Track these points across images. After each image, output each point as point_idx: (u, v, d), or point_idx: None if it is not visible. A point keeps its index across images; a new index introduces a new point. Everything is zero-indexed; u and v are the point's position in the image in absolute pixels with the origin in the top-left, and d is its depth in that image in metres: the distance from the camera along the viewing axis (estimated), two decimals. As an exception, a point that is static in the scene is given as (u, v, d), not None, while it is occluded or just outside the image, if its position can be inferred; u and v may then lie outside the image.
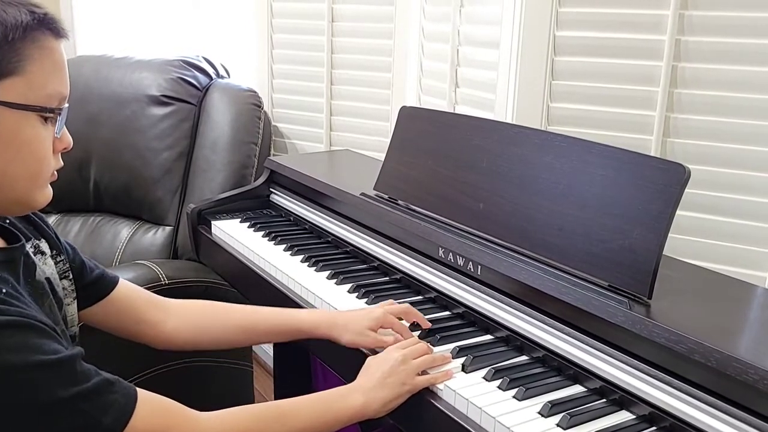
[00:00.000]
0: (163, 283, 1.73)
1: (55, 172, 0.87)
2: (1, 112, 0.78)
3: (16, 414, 0.72)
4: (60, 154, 0.88)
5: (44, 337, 0.75)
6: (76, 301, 1.02)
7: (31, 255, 0.93)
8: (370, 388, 0.97)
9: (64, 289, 0.99)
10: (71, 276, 1.02)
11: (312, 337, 1.12)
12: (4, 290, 0.77)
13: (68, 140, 0.88)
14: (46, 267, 0.96)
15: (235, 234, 1.56)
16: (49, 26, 0.81)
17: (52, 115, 0.82)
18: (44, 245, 0.98)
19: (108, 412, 0.77)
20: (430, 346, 1.05)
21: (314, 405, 0.95)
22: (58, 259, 1.00)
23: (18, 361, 0.72)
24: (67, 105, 0.86)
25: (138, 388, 0.82)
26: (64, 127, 0.87)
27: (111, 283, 1.10)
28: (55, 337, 0.77)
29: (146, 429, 0.80)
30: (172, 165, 2.01)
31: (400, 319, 1.12)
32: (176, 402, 0.85)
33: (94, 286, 1.07)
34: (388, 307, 1.13)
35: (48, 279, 0.95)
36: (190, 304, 1.17)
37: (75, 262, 1.04)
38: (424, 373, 1.00)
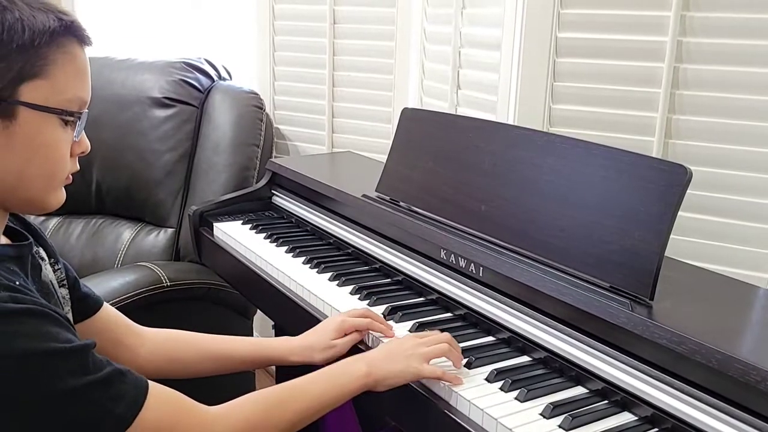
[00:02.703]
0: (165, 285, 1.73)
1: (70, 176, 0.89)
2: (23, 113, 0.80)
3: (28, 401, 0.73)
4: (77, 158, 0.89)
5: (58, 326, 0.76)
6: (71, 312, 1.03)
7: (36, 257, 0.93)
8: (375, 358, 0.98)
9: (63, 297, 1.00)
10: (67, 286, 1.02)
11: (285, 364, 1.14)
12: (17, 282, 0.78)
13: (86, 144, 0.90)
14: (48, 272, 0.97)
15: (237, 236, 1.56)
16: (75, 33, 0.84)
17: (72, 118, 0.85)
18: (42, 252, 0.98)
19: (119, 402, 0.78)
20: (452, 338, 1.04)
21: (319, 381, 0.96)
22: (56, 267, 1.01)
23: (32, 347, 0.73)
24: (86, 110, 0.88)
25: (149, 380, 0.82)
26: (83, 131, 0.89)
27: (97, 303, 1.10)
28: (69, 327, 0.78)
29: (156, 420, 0.81)
30: (174, 167, 2.01)
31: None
32: (184, 395, 0.86)
33: (84, 303, 1.07)
34: (348, 312, 1.14)
35: (51, 282, 0.96)
36: (164, 332, 1.17)
37: (69, 274, 1.05)
38: None
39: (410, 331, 1.12)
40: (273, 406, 0.92)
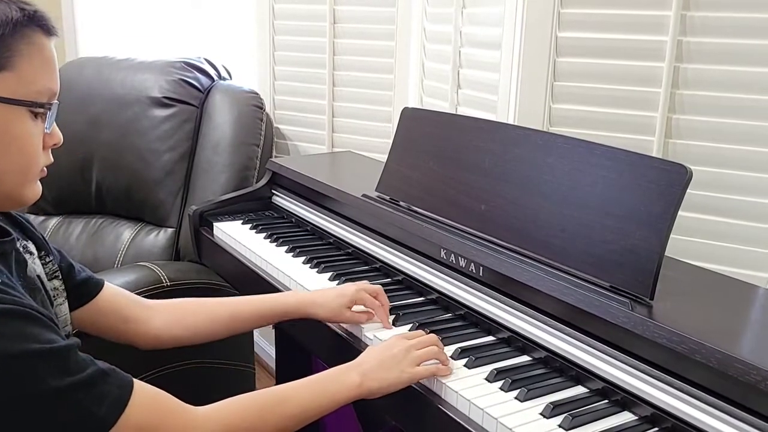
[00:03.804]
0: (164, 284, 1.73)
1: (45, 169, 0.88)
2: None
3: (10, 402, 0.72)
4: (50, 150, 0.89)
5: (40, 327, 0.75)
6: (66, 301, 1.03)
7: (22, 252, 0.93)
8: (368, 369, 0.97)
9: (54, 289, 1.00)
10: (61, 276, 1.02)
11: (294, 317, 1.17)
12: None
13: (58, 136, 0.89)
14: (36, 266, 0.96)
15: (236, 236, 1.56)
16: (38, 23, 0.83)
17: (42, 110, 0.84)
18: (31, 246, 0.98)
19: (102, 403, 0.77)
20: (438, 339, 1.04)
21: (310, 388, 0.95)
22: (47, 260, 1.00)
23: (13, 349, 0.72)
24: (57, 101, 0.87)
25: (134, 379, 0.81)
26: (54, 123, 0.88)
27: (98, 285, 1.11)
28: (52, 327, 0.77)
29: (140, 421, 0.79)
30: (174, 167, 2.01)
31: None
32: (171, 395, 0.85)
33: (83, 287, 1.08)
34: (361, 285, 1.17)
35: (38, 276, 0.95)
36: (174, 302, 1.18)
37: (63, 263, 1.05)
38: None
39: (410, 331, 1.12)
40: (261, 409, 0.90)
